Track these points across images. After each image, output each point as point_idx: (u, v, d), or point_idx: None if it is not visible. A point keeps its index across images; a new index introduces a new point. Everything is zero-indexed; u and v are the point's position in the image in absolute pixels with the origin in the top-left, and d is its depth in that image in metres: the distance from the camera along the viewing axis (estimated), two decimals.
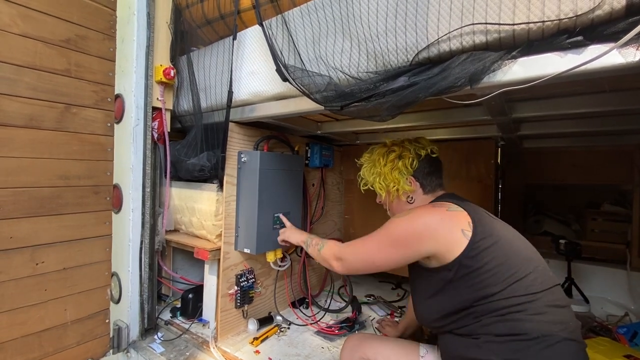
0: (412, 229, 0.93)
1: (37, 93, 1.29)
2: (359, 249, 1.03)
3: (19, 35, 1.24)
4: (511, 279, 0.83)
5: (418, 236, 0.91)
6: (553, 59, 0.73)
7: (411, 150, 1.12)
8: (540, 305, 0.82)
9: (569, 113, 1.23)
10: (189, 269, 1.90)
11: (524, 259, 0.88)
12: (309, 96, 1.08)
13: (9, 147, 1.23)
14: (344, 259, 1.06)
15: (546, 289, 0.85)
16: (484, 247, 0.86)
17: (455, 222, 0.90)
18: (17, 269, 1.26)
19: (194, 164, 1.55)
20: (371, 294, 2.09)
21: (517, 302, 0.81)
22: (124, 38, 1.51)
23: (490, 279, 0.83)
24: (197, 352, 1.43)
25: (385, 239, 0.97)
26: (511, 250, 0.88)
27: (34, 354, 1.32)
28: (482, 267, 0.84)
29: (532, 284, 0.84)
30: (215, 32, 1.51)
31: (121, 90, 1.52)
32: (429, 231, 0.91)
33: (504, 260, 0.85)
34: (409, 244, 0.92)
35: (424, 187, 1.11)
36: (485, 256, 0.85)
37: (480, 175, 1.86)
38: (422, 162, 1.11)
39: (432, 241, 0.89)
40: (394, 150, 1.14)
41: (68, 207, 1.39)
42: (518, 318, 0.81)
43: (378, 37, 0.94)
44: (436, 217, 0.93)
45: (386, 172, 1.12)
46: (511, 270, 0.84)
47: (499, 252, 0.86)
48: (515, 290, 0.82)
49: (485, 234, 0.88)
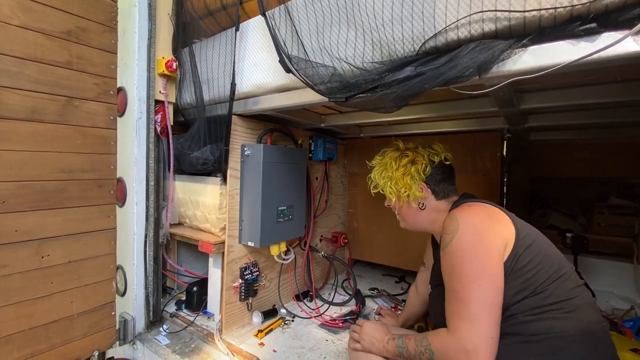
0: (480, 242, 0.83)
1: (38, 86, 1.28)
2: (469, 313, 0.78)
3: (20, 27, 1.23)
4: (554, 277, 0.81)
5: (489, 243, 0.83)
6: (565, 47, 0.71)
7: (425, 156, 1.09)
8: (578, 303, 0.80)
9: (579, 104, 1.20)
10: (193, 262, 1.91)
11: (560, 257, 0.87)
12: (313, 87, 1.06)
13: (12, 141, 1.22)
14: (473, 342, 0.76)
15: (579, 286, 0.84)
16: (527, 244, 0.84)
17: (501, 218, 0.89)
18: (23, 262, 1.27)
19: (197, 157, 1.54)
20: (375, 287, 2.09)
21: (556, 300, 0.80)
22: (125, 30, 1.49)
23: (534, 276, 0.81)
24: (202, 344, 1.44)
25: (473, 276, 0.80)
26: (550, 248, 0.87)
27: (41, 346, 1.33)
28: (527, 264, 0.82)
29: (570, 282, 0.83)
30: (217, 23, 1.49)
31: (123, 83, 1.50)
32: (492, 230, 0.85)
33: (544, 258, 0.83)
34: (492, 256, 0.81)
35: (436, 194, 1.08)
36: (529, 253, 0.83)
37: (486, 169, 1.84)
38: (435, 169, 1.08)
39: (500, 238, 0.84)
40: (407, 155, 1.11)
41: (72, 200, 1.39)
42: (556, 316, 0.79)
43: (384, 26, 0.92)
44: (483, 215, 0.89)
45: (398, 176, 1.09)
46: (553, 268, 0.83)
47: (539, 250, 0.84)
48: (556, 288, 0.81)
49: (525, 231, 0.87)
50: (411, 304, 1.45)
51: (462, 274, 0.81)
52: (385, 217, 2.20)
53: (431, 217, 1.09)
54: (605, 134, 1.87)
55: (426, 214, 1.10)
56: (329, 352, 1.41)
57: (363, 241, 2.35)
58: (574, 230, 2.06)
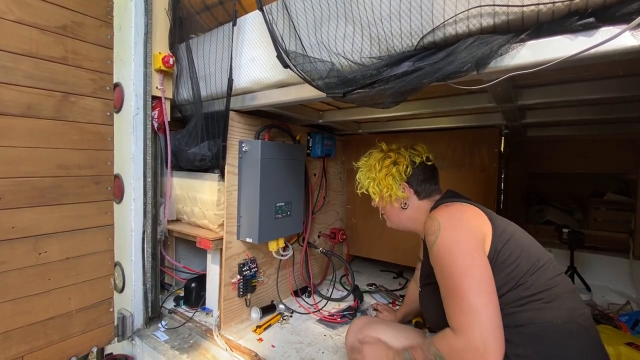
0: (463, 237, 0.86)
1: (34, 81, 1.27)
2: (469, 307, 0.78)
3: (15, 22, 1.21)
4: (533, 269, 0.83)
5: (471, 238, 0.85)
6: (563, 41, 0.71)
7: (406, 157, 1.12)
8: (557, 292, 0.82)
9: (577, 100, 1.21)
10: (191, 258, 1.91)
11: (539, 249, 0.89)
12: (311, 83, 1.05)
13: (8, 137, 1.21)
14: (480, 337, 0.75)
15: (558, 275, 0.86)
16: (505, 239, 0.86)
17: (478, 215, 0.91)
18: (21, 259, 1.27)
19: (194, 153, 1.54)
20: (373, 283, 2.10)
21: (537, 290, 0.81)
22: (121, 25, 1.48)
23: (514, 270, 0.83)
24: (201, 340, 1.45)
25: (464, 270, 0.81)
26: (527, 241, 0.90)
27: (39, 342, 1.33)
28: (507, 259, 0.84)
29: (549, 271, 0.85)
30: (214, 18, 1.48)
31: (120, 78, 1.49)
32: (471, 226, 0.88)
33: (523, 252, 0.85)
34: (476, 249, 0.84)
35: (419, 194, 1.11)
36: (508, 249, 0.85)
37: (483, 164, 1.85)
38: (417, 170, 1.11)
39: (479, 233, 0.87)
40: (389, 156, 1.14)
41: (69, 197, 1.39)
42: (538, 307, 0.80)
43: (382, 21, 0.91)
44: (461, 213, 0.92)
45: (380, 177, 1.12)
46: (532, 260, 0.85)
47: (517, 244, 0.86)
48: (536, 279, 0.82)
49: (501, 227, 0.89)
50: (410, 300, 1.45)
51: (452, 270, 0.82)
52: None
53: (414, 216, 1.12)
54: (602, 129, 1.88)
55: (409, 213, 1.12)
56: (327, 347, 1.42)
57: (361, 237, 2.35)
58: (571, 225, 2.07)
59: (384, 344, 1.07)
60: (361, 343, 1.11)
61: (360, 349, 1.09)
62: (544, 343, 0.78)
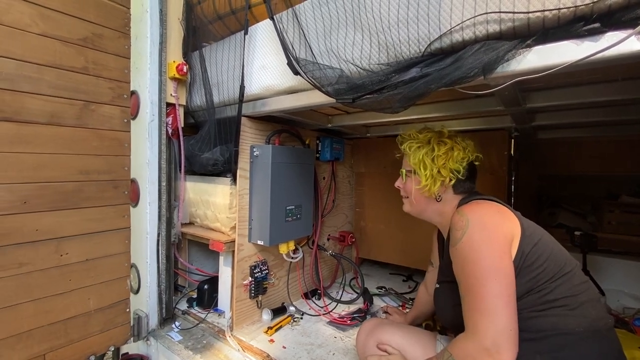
0: (491, 237, 0.83)
1: (57, 91, 1.33)
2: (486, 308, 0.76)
3: (39, 35, 1.28)
4: (559, 274, 0.82)
5: (499, 238, 0.83)
6: (569, 46, 0.72)
7: (465, 150, 1.06)
8: (582, 300, 0.81)
9: (587, 102, 1.21)
10: (203, 260, 1.95)
11: (565, 254, 0.87)
12: (320, 89, 1.08)
13: (34, 144, 1.28)
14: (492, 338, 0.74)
15: (584, 282, 0.84)
16: (533, 242, 0.84)
17: (509, 215, 0.89)
18: (44, 260, 1.33)
19: (207, 158, 1.58)
20: (382, 286, 2.10)
21: (561, 296, 0.80)
22: (137, 35, 1.54)
23: (540, 274, 0.82)
24: (214, 341, 1.48)
25: (487, 270, 0.79)
26: (554, 246, 0.88)
27: (60, 341, 1.38)
28: (534, 263, 0.82)
29: (576, 278, 0.83)
30: (226, 27, 1.52)
31: (136, 86, 1.55)
32: (500, 226, 0.85)
33: (550, 256, 0.84)
34: (503, 251, 0.82)
35: (456, 189, 1.06)
36: (535, 252, 0.83)
37: (493, 167, 1.84)
38: (472, 165, 1.08)
39: (509, 234, 0.84)
40: (445, 142, 1.06)
41: (89, 201, 1.44)
42: (562, 313, 0.79)
43: (390, 29, 0.94)
44: (492, 212, 0.89)
45: (440, 162, 1.03)
46: (559, 265, 0.83)
47: (545, 248, 0.85)
48: (560, 284, 0.81)
49: (530, 229, 0.87)
50: (420, 303, 1.45)
51: (475, 269, 0.81)
52: (393, 216, 2.22)
53: (443, 209, 1.07)
54: (615, 131, 1.86)
55: (439, 205, 1.07)
56: (337, 348, 1.43)
57: (370, 240, 2.36)
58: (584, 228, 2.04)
59: (401, 356, 1.07)
60: (379, 349, 1.11)
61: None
62: (565, 350, 0.77)
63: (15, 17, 1.22)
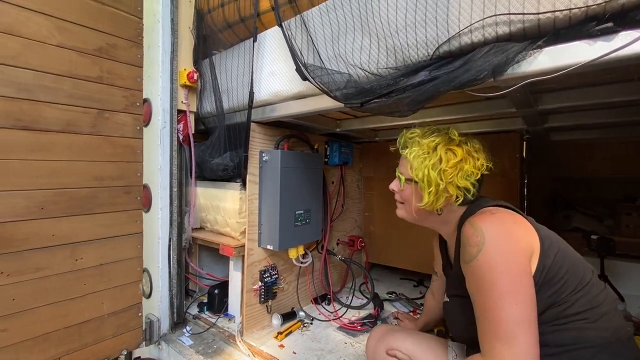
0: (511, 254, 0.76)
1: (73, 100, 1.37)
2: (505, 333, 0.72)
3: (56, 46, 1.32)
4: (579, 286, 0.78)
5: (519, 255, 0.77)
6: (581, 47, 0.71)
7: (478, 162, 0.94)
8: (602, 311, 0.78)
9: (601, 103, 1.18)
10: (214, 265, 1.96)
11: (582, 262, 0.83)
12: (329, 94, 1.09)
13: (51, 152, 1.32)
14: None
15: (602, 291, 0.81)
16: (553, 254, 0.79)
17: (526, 226, 0.83)
18: (60, 265, 1.36)
19: (217, 163, 1.60)
20: (393, 291, 2.08)
21: (582, 309, 0.77)
22: (150, 44, 1.58)
23: (561, 288, 0.78)
24: (225, 346, 1.48)
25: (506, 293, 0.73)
26: (572, 255, 0.83)
27: (75, 345, 1.41)
28: (555, 277, 0.78)
29: (595, 288, 0.80)
30: (235, 35, 1.55)
31: (148, 94, 1.59)
32: (520, 241, 0.79)
33: (570, 267, 0.79)
34: (524, 270, 0.76)
35: (459, 200, 0.94)
36: (556, 264, 0.79)
37: (504, 170, 1.81)
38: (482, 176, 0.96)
39: (528, 249, 0.79)
40: (454, 152, 0.93)
41: (103, 206, 1.47)
42: (582, 326, 0.76)
43: (398, 33, 0.94)
44: (509, 224, 0.82)
45: (447, 178, 0.91)
46: (578, 277, 0.79)
47: (564, 259, 0.80)
48: (581, 297, 0.78)
49: (548, 239, 0.82)
50: (429, 311, 1.43)
51: (493, 290, 0.74)
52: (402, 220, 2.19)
53: (445, 219, 1.00)
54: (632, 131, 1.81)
55: (440, 217, 1.00)
56: (348, 354, 1.42)
57: (380, 245, 2.35)
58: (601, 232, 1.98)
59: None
60: (388, 355, 1.10)
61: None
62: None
63: (34, 30, 1.26)
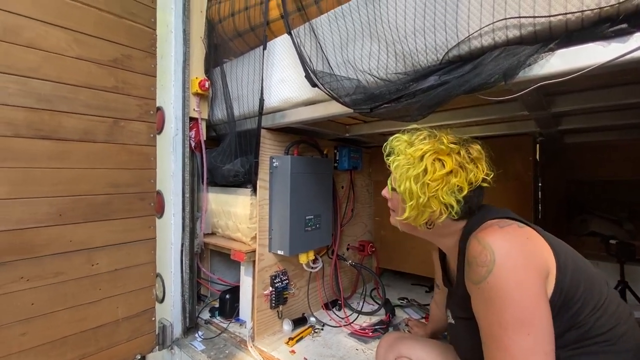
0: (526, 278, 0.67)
1: (90, 109, 1.42)
2: None
3: (75, 58, 1.37)
4: (597, 305, 0.72)
5: (535, 278, 0.68)
6: (595, 49, 0.70)
7: (470, 174, 0.81)
8: (621, 331, 0.72)
9: (617, 104, 1.15)
10: (225, 270, 1.98)
11: (596, 275, 0.76)
12: (338, 100, 1.10)
13: (69, 160, 1.36)
14: None
15: (618, 307, 0.75)
16: (569, 272, 0.72)
17: (541, 243, 0.74)
18: (77, 270, 1.39)
19: (228, 169, 1.62)
20: (404, 297, 2.06)
21: (601, 331, 0.71)
22: (163, 54, 1.62)
23: (579, 309, 0.71)
24: (236, 351, 1.49)
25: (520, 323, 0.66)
26: (585, 267, 0.77)
27: (90, 349, 1.44)
28: (572, 298, 0.71)
29: (612, 304, 0.74)
30: (245, 44, 1.58)
31: (162, 103, 1.63)
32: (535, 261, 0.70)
33: (586, 284, 0.73)
34: (540, 295, 0.67)
35: (453, 215, 0.82)
36: (573, 284, 0.71)
37: (517, 173, 1.78)
38: (471, 192, 0.81)
39: (544, 270, 0.71)
40: (443, 162, 0.81)
41: (118, 212, 1.51)
42: (601, 350, 0.70)
43: (406, 38, 0.94)
44: (522, 241, 0.72)
45: (431, 191, 0.80)
46: (595, 295, 0.73)
47: (580, 276, 0.73)
48: (598, 317, 0.71)
49: (563, 255, 0.74)
50: (435, 320, 1.39)
51: (503, 317, 0.66)
52: None
53: (439, 232, 0.90)
54: None
55: (432, 230, 0.89)
56: None
57: (391, 250, 2.33)
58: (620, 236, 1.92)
59: None
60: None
61: None
62: None
63: (53, 43, 1.32)
